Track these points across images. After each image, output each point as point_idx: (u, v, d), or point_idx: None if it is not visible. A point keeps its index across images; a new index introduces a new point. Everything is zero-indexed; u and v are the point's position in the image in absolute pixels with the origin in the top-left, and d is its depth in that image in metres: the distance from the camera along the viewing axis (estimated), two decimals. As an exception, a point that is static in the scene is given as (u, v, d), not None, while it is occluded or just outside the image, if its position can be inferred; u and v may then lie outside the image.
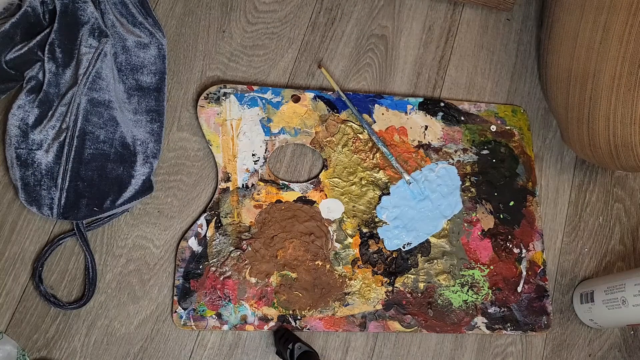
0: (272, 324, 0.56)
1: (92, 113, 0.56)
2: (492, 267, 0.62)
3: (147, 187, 0.57)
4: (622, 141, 0.58)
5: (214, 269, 0.57)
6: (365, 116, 0.64)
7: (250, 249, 0.58)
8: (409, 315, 0.59)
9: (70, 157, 0.55)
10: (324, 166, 0.62)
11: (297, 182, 0.61)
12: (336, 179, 0.61)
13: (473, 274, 0.62)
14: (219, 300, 0.56)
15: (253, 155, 0.60)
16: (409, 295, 0.60)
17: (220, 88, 0.61)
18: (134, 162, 0.57)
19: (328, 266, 0.59)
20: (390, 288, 0.59)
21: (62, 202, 0.55)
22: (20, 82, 0.57)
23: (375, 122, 0.64)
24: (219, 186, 0.59)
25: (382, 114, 0.64)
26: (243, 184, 0.59)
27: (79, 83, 0.56)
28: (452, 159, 0.65)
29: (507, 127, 0.67)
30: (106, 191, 0.56)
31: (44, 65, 0.56)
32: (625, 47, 0.57)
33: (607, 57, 0.58)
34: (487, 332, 0.60)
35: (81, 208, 0.55)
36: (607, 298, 0.59)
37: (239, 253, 0.57)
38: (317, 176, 0.61)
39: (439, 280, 0.61)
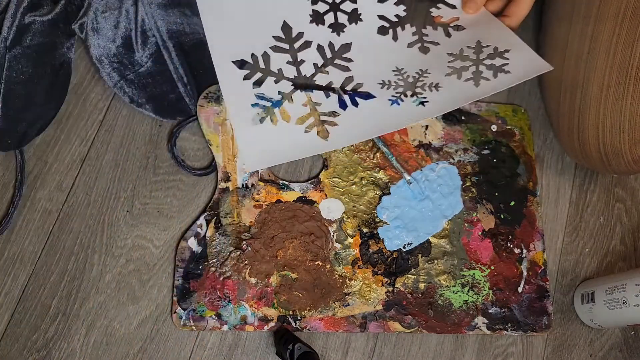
0: (272, 324, 0.56)
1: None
2: (492, 268, 0.62)
3: None
4: (612, 149, 0.58)
5: (213, 269, 0.56)
6: (366, 116, 0.63)
7: (250, 249, 0.57)
8: (409, 316, 0.59)
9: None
10: (324, 166, 0.62)
11: (297, 182, 0.61)
12: (336, 179, 0.61)
13: (474, 274, 0.61)
14: (218, 301, 0.56)
15: (253, 155, 0.60)
16: (409, 296, 0.59)
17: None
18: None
19: (328, 266, 0.59)
20: (390, 288, 0.59)
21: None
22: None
23: (375, 121, 0.64)
24: (219, 186, 0.59)
25: (383, 113, 0.64)
26: (243, 184, 0.59)
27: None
28: (453, 159, 0.64)
29: (508, 127, 0.67)
30: None
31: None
32: (612, 57, 0.57)
33: (595, 67, 0.58)
34: (488, 332, 0.60)
35: None
36: (608, 298, 0.59)
37: (238, 253, 0.57)
38: (317, 176, 0.61)
39: (439, 280, 0.60)
